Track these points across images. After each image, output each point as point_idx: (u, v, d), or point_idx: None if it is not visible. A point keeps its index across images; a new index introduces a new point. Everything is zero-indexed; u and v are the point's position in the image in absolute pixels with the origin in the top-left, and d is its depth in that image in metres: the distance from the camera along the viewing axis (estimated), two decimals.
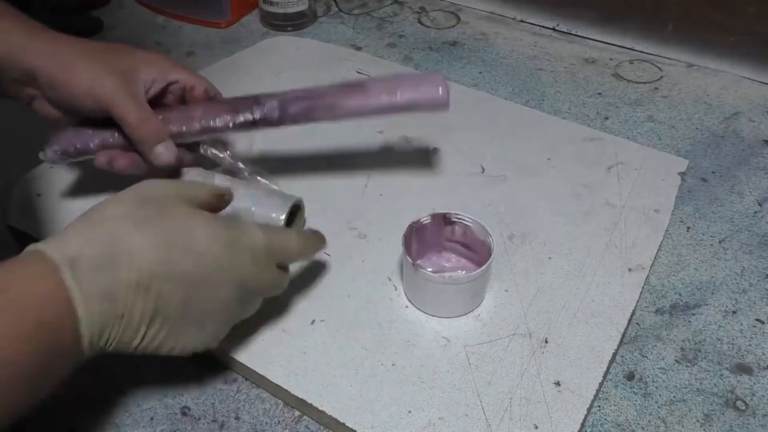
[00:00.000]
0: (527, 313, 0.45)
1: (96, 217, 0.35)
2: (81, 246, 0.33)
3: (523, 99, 0.68)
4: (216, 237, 0.36)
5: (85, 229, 0.34)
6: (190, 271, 0.35)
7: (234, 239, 0.37)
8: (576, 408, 0.40)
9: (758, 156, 0.61)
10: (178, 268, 0.34)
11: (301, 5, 0.80)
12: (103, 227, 0.34)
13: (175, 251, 0.34)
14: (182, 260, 0.35)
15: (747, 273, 0.50)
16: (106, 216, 0.35)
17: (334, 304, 0.46)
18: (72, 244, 0.33)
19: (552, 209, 0.54)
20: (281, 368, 0.42)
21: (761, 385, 0.43)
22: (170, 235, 0.35)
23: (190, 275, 0.35)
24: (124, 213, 0.35)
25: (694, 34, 0.72)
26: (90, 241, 0.33)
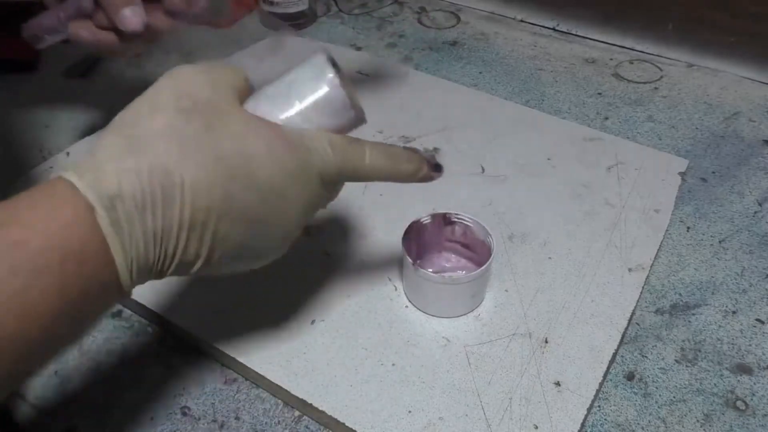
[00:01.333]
0: (527, 313, 0.45)
1: (133, 132, 0.29)
2: (120, 177, 0.28)
3: (523, 99, 0.68)
4: (281, 164, 0.31)
5: (123, 151, 0.29)
6: (251, 207, 0.31)
7: (301, 165, 0.32)
8: (576, 408, 0.40)
9: (758, 156, 0.61)
10: (237, 204, 0.30)
11: (301, 5, 0.80)
12: (145, 150, 0.29)
13: (234, 184, 0.30)
14: (242, 195, 0.30)
15: (747, 273, 0.50)
16: (146, 132, 0.29)
17: (334, 304, 0.46)
18: (109, 175, 0.28)
19: (552, 209, 0.54)
20: (281, 368, 0.42)
21: (761, 385, 0.43)
22: (227, 163, 0.30)
23: (251, 210, 0.31)
24: (168, 128, 0.29)
25: (694, 34, 0.72)
26: (130, 170, 0.28)
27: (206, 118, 0.30)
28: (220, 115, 0.31)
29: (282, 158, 0.31)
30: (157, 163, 0.28)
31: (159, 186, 0.28)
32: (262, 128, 0.32)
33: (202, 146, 0.29)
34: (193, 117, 0.30)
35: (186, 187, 0.29)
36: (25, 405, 0.41)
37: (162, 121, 0.29)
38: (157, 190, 0.28)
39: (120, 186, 0.28)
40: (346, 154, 0.34)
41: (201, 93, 0.31)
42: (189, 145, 0.29)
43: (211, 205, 0.29)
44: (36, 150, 0.61)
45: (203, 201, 0.29)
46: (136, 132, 0.29)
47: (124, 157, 0.28)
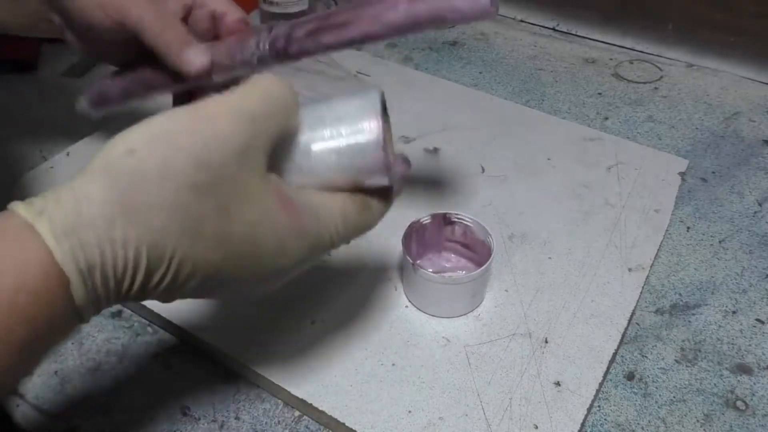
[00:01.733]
0: (527, 313, 0.45)
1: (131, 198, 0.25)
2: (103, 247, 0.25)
3: (523, 99, 0.68)
4: (288, 255, 0.29)
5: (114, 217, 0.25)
6: (240, 280, 0.29)
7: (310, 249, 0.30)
8: (576, 408, 0.40)
9: (758, 156, 0.61)
10: (226, 275, 0.28)
11: (301, 5, 0.80)
12: (140, 222, 0.25)
13: (229, 263, 0.28)
14: (235, 271, 0.28)
15: (747, 273, 0.50)
16: (147, 200, 0.25)
17: (334, 304, 0.46)
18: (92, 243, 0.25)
19: (552, 209, 0.54)
20: (281, 368, 0.42)
21: (761, 385, 0.43)
22: (230, 248, 0.27)
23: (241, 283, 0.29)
24: (173, 204, 0.25)
25: (694, 34, 0.72)
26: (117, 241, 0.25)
27: (222, 199, 0.26)
28: (238, 197, 0.27)
29: (290, 248, 0.29)
30: (148, 237, 0.25)
31: (144, 257, 0.26)
32: (279, 216, 0.28)
33: (207, 229, 0.26)
34: (206, 197, 0.26)
35: (175, 260, 0.26)
36: (25, 405, 0.41)
37: (169, 195, 0.25)
38: (142, 261, 0.26)
39: (102, 256, 0.25)
40: (357, 227, 0.32)
41: (225, 165, 0.26)
42: (192, 226, 0.26)
43: (196, 273, 0.27)
44: (36, 150, 0.61)
45: (188, 269, 0.27)
46: (135, 198, 0.25)
47: (114, 225, 0.25)
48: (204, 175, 0.26)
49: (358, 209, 0.32)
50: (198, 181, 0.26)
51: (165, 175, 0.25)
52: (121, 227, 0.25)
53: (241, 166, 0.27)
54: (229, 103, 0.27)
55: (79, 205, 0.25)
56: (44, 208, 0.25)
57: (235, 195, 0.27)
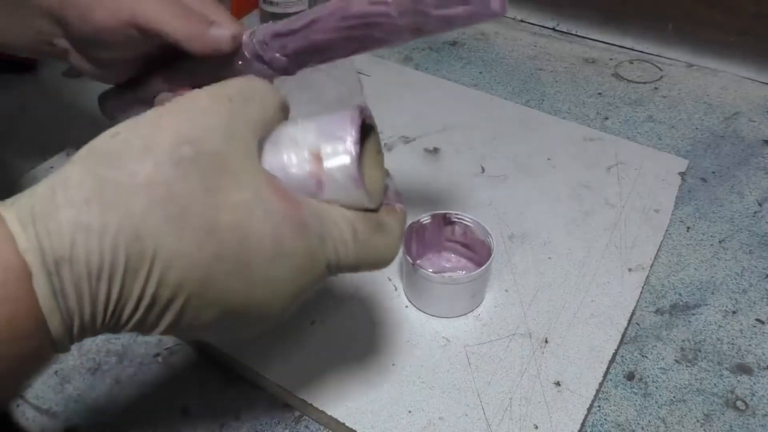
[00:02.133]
0: (527, 313, 0.45)
1: (109, 174, 0.23)
2: (75, 235, 0.22)
3: (523, 99, 0.68)
4: (284, 254, 0.25)
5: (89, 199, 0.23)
6: (233, 294, 0.25)
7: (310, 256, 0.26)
8: (576, 408, 0.40)
9: (758, 156, 0.61)
10: (216, 288, 0.25)
11: (301, 5, 0.80)
12: (118, 204, 0.23)
13: (220, 266, 0.24)
14: (226, 280, 0.25)
15: (747, 273, 0.50)
16: (126, 179, 0.23)
17: (334, 304, 0.46)
18: (62, 230, 0.22)
19: (552, 209, 0.54)
20: (281, 368, 0.42)
21: (761, 385, 0.43)
22: (219, 238, 0.24)
23: (232, 298, 0.25)
24: (155, 181, 0.23)
25: (694, 34, 0.72)
26: (91, 228, 0.22)
27: (208, 176, 0.24)
28: (226, 175, 0.24)
29: (288, 247, 0.25)
30: (128, 225, 0.23)
31: (123, 253, 0.23)
32: (274, 202, 0.25)
33: (193, 213, 0.23)
34: (191, 173, 0.24)
35: (157, 260, 0.23)
36: (25, 405, 0.41)
37: (150, 171, 0.23)
38: (120, 257, 0.23)
39: (73, 246, 0.22)
40: (369, 248, 0.28)
41: (210, 139, 0.24)
42: (176, 208, 0.23)
43: (182, 284, 0.24)
44: (36, 150, 0.61)
45: (174, 278, 0.24)
46: (114, 175, 0.23)
47: (88, 209, 0.22)
48: (187, 149, 0.24)
49: (370, 228, 0.29)
50: (181, 155, 0.24)
51: (146, 151, 0.23)
52: (97, 211, 0.22)
53: (226, 144, 0.25)
54: (207, 89, 0.27)
55: (54, 189, 0.23)
56: (18, 198, 0.23)
57: (222, 173, 0.24)
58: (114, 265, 0.23)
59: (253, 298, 0.26)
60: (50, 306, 0.22)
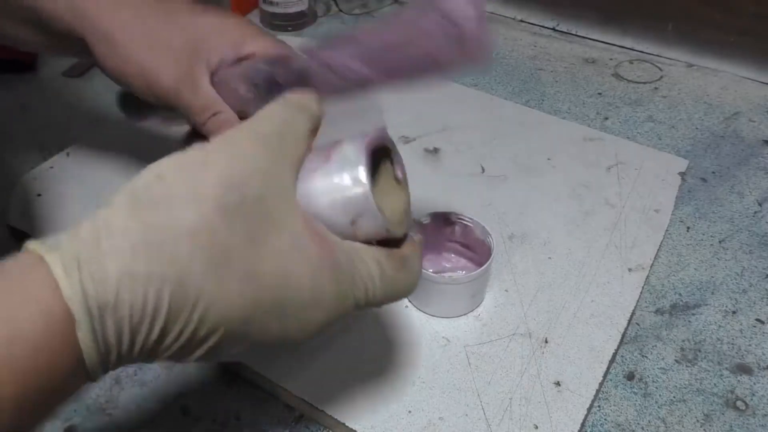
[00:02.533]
0: (527, 313, 0.45)
1: (156, 221, 0.23)
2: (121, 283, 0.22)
3: (523, 99, 0.68)
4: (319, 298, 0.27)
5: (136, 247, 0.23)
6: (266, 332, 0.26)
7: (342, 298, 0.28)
8: (576, 408, 0.40)
9: (758, 156, 0.61)
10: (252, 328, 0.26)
11: (301, 5, 0.80)
12: (164, 252, 0.23)
13: (258, 309, 0.25)
14: (261, 321, 0.26)
15: (747, 273, 0.50)
16: (172, 225, 0.23)
17: None
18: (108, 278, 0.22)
19: (552, 209, 0.54)
20: (281, 368, 0.42)
21: (761, 385, 0.43)
22: (259, 284, 0.25)
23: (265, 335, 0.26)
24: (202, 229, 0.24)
25: (694, 34, 0.72)
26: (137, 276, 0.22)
27: (251, 223, 0.25)
28: (267, 221, 0.25)
29: (323, 291, 0.27)
30: (172, 272, 0.23)
31: (167, 298, 0.23)
32: (311, 247, 0.26)
33: (235, 261, 0.24)
34: (236, 222, 0.24)
35: (199, 304, 0.24)
36: None
37: (195, 218, 0.24)
38: (164, 302, 0.23)
39: (118, 293, 0.22)
40: (394, 285, 0.30)
41: (253, 184, 0.25)
42: (219, 256, 0.24)
43: (221, 324, 0.24)
44: (36, 150, 0.61)
45: (214, 319, 0.24)
46: (160, 221, 0.23)
47: (134, 257, 0.23)
48: (233, 195, 0.24)
49: (395, 265, 0.30)
50: (227, 202, 0.24)
51: (193, 198, 0.24)
52: (143, 259, 0.23)
53: (267, 186, 0.26)
54: (245, 126, 0.27)
55: (98, 235, 0.23)
56: (60, 241, 0.23)
57: (265, 219, 0.25)
58: (157, 309, 0.23)
59: (285, 335, 0.27)
60: (90, 348, 0.23)
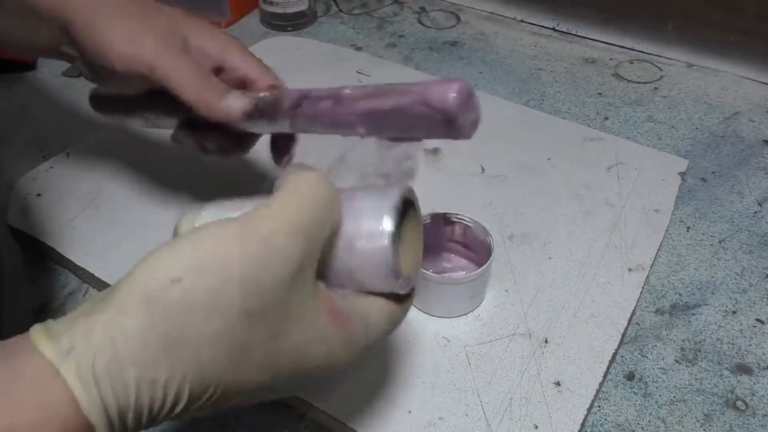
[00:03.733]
0: (527, 313, 0.45)
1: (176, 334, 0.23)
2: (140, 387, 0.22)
3: (523, 99, 0.68)
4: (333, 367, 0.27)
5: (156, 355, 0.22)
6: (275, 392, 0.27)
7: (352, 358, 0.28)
8: (576, 408, 0.40)
9: (758, 156, 0.61)
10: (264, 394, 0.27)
11: (301, 5, 0.80)
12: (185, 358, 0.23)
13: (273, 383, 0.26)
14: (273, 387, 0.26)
15: (747, 273, 0.50)
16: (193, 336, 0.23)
17: None
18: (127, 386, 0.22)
19: (552, 209, 0.54)
20: None
21: (761, 385, 0.43)
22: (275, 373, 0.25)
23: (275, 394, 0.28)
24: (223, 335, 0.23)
25: (694, 34, 0.72)
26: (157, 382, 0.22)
27: (274, 325, 0.24)
28: (289, 320, 0.25)
29: (336, 361, 0.27)
30: (193, 373, 0.23)
31: (187, 394, 0.23)
32: (330, 330, 0.26)
33: (256, 355, 0.24)
34: (257, 324, 0.24)
35: (219, 390, 0.24)
36: None
37: (218, 326, 0.23)
38: (183, 397, 0.23)
39: (138, 398, 0.22)
40: (394, 325, 0.30)
41: (278, 289, 0.24)
42: (239, 354, 0.24)
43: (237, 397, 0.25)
44: (36, 150, 0.61)
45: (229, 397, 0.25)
46: (181, 332, 0.23)
47: (156, 365, 0.22)
48: (255, 301, 0.23)
49: (400, 311, 0.30)
50: (249, 308, 0.23)
51: (214, 306, 0.23)
52: (165, 367, 0.22)
53: (294, 288, 0.25)
54: (281, 220, 0.25)
55: (115, 344, 0.22)
56: (72, 345, 0.22)
57: (287, 319, 0.25)
58: (176, 402, 0.23)
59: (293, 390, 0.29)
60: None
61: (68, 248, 0.50)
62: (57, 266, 0.52)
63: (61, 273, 0.51)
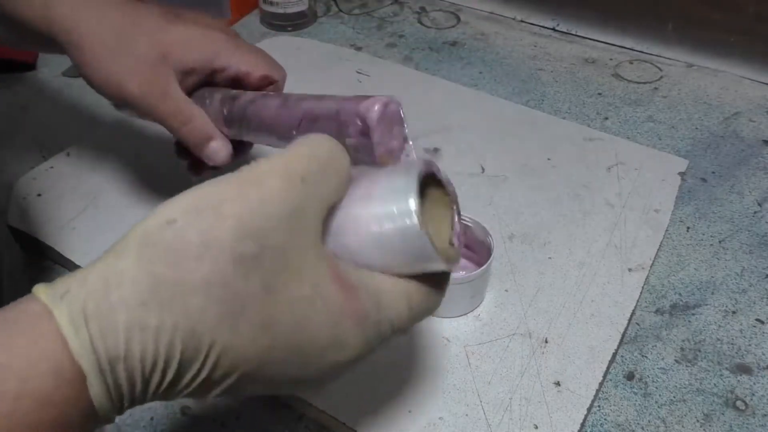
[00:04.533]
0: (527, 313, 0.45)
1: (166, 274, 0.22)
2: (131, 334, 0.22)
3: (523, 99, 0.68)
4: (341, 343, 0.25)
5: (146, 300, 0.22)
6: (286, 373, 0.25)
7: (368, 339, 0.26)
8: (576, 408, 0.40)
9: (758, 156, 0.61)
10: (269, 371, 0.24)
11: (301, 5, 0.80)
12: (175, 305, 0.22)
13: (275, 353, 0.24)
14: (280, 364, 0.24)
15: (747, 273, 0.50)
16: (184, 279, 0.22)
17: None
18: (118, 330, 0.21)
19: (552, 209, 0.54)
20: None
21: (761, 385, 0.43)
22: (275, 332, 0.23)
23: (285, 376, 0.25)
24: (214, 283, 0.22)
25: (694, 34, 0.72)
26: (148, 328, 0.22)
27: (269, 275, 0.23)
28: (287, 271, 0.23)
29: (345, 339, 0.25)
30: (184, 323, 0.22)
31: (179, 348, 0.22)
32: (333, 295, 0.24)
33: (250, 311, 0.23)
34: (251, 272, 0.22)
35: (213, 351, 0.23)
36: None
37: (208, 270, 0.22)
38: (176, 352, 0.22)
39: (128, 346, 0.21)
40: (422, 311, 0.28)
41: (275, 233, 0.23)
42: (233, 307, 0.22)
43: (235, 369, 0.23)
44: (36, 150, 0.61)
45: (229, 363, 0.23)
46: (171, 275, 0.22)
47: (145, 309, 0.22)
48: (249, 245, 0.22)
49: (426, 296, 0.28)
50: (242, 252, 0.22)
51: (205, 248, 0.22)
52: (154, 312, 0.22)
53: (291, 234, 0.23)
54: (277, 164, 0.24)
55: (107, 285, 0.22)
56: (68, 289, 0.22)
57: (284, 269, 0.23)
58: (169, 358, 0.22)
59: (306, 377, 0.25)
60: (102, 399, 0.22)
61: (68, 248, 0.50)
62: (57, 266, 0.52)
63: (61, 273, 0.51)
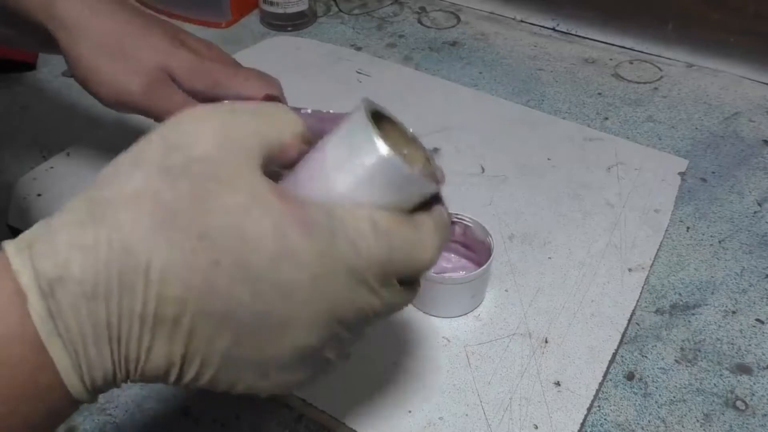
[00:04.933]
0: (527, 313, 0.46)
1: (101, 195, 0.23)
2: (69, 255, 0.22)
3: (523, 99, 0.68)
4: (289, 253, 0.23)
5: (82, 220, 0.22)
6: (241, 305, 0.23)
7: (322, 256, 0.23)
8: (576, 408, 0.40)
9: (758, 156, 0.61)
10: (221, 300, 0.23)
11: (301, 5, 0.80)
12: (106, 219, 0.22)
13: (219, 273, 0.22)
14: (229, 288, 0.22)
15: (747, 273, 0.50)
16: (115, 195, 0.23)
17: None
18: (57, 251, 0.22)
19: (552, 209, 0.54)
20: None
21: (761, 385, 0.43)
22: (213, 243, 0.22)
23: (242, 310, 0.23)
24: (142, 192, 0.22)
25: (694, 34, 0.72)
26: (85, 247, 0.22)
27: (197, 182, 0.23)
28: (218, 181, 0.23)
29: (293, 245, 0.23)
30: (116, 238, 0.22)
31: (116, 268, 0.22)
32: (273, 201, 0.23)
33: (181, 219, 0.22)
34: (179, 179, 0.23)
35: (152, 272, 0.22)
36: None
37: (137, 184, 0.23)
38: (113, 273, 0.22)
39: (66, 266, 0.21)
40: (395, 240, 0.25)
41: (200, 148, 0.23)
42: (163, 216, 0.22)
43: (184, 297, 0.22)
44: (36, 150, 0.61)
45: (174, 291, 0.22)
46: (105, 194, 0.23)
47: (82, 229, 0.22)
48: (175, 157, 0.23)
49: (393, 219, 0.25)
50: (169, 163, 0.23)
51: (135, 165, 0.23)
52: (91, 230, 0.22)
53: (220, 146, 0.24)
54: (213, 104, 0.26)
55: (51, 217, 0.23)
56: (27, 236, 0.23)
57: (215, 177, 0.23)
58: (108, 281, 0.22)
59: (266, 311, 0.23)
60: (47, 329, 0.21)
61: None
62: None
63: None
